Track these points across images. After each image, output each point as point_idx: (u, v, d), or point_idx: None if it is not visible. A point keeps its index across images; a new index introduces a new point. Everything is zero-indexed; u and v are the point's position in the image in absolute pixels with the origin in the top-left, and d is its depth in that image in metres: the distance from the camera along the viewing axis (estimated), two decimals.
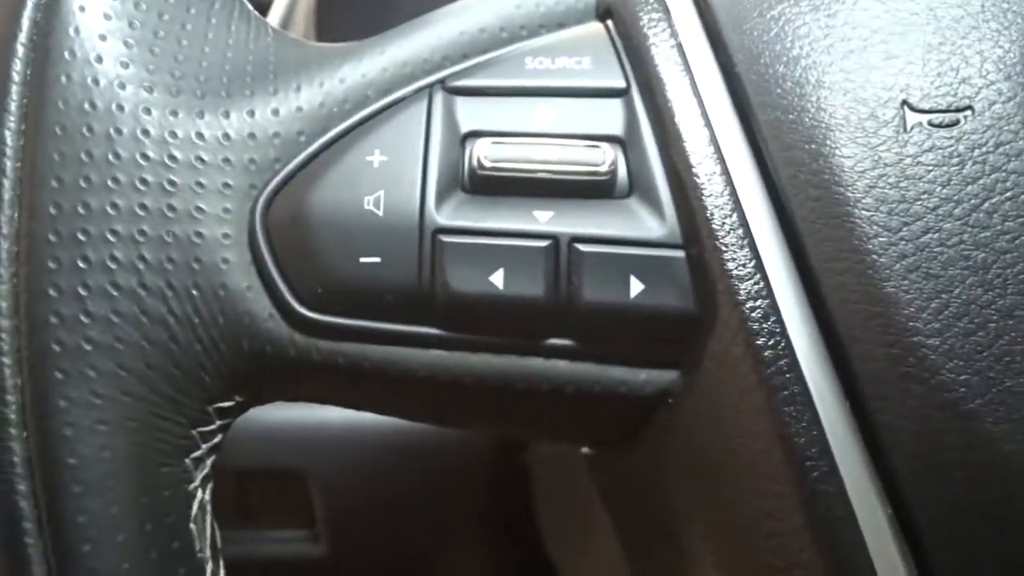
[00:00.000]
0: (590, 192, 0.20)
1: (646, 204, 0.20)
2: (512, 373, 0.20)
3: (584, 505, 0.37)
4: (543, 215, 0.20)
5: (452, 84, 0.22)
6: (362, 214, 0.20)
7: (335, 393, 0.22)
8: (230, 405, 0.21)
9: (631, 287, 0.19)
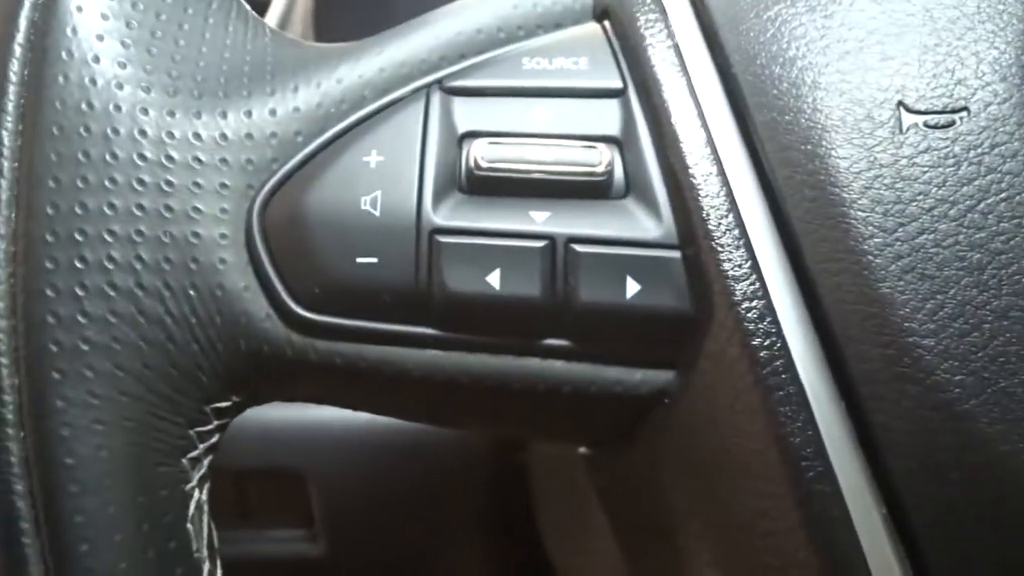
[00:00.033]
0: (587, 192, 0.20)
1: (643, 205, 0.20)
2: (508, 373, 0.20)
3: (582, 505, 0.37)
4: (540, 215, 0.20)
5: (449, 84, 0.22)
6: (359, 214, 0.20)
7: (332, 393, 0.22)
8: (227, 405, 0.21)
9: (627, 287, 0.20)
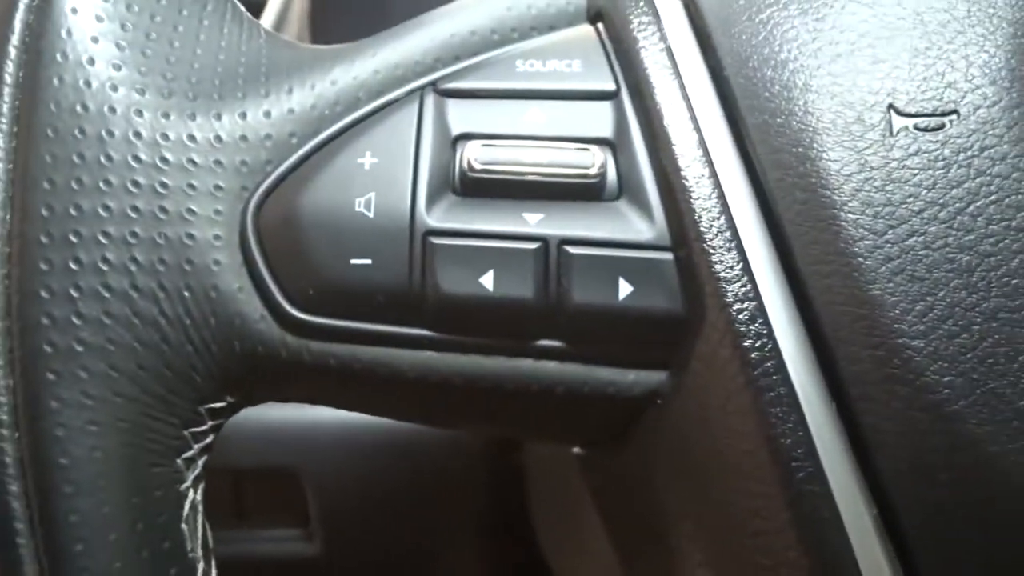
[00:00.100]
0: (580, 194, 0.20)
1: (635, 206, 0.20)
2: (502, 374, 0.21)
3: (577, 506, 0.37)
4: (533, 217, 0.20)
5: (443, 86, 0.22)
6: (353, 216, 0.20)
7: (326, 394, 0.22)
8: (222, 406, 0.21)
9: (620, 289, 0.20)
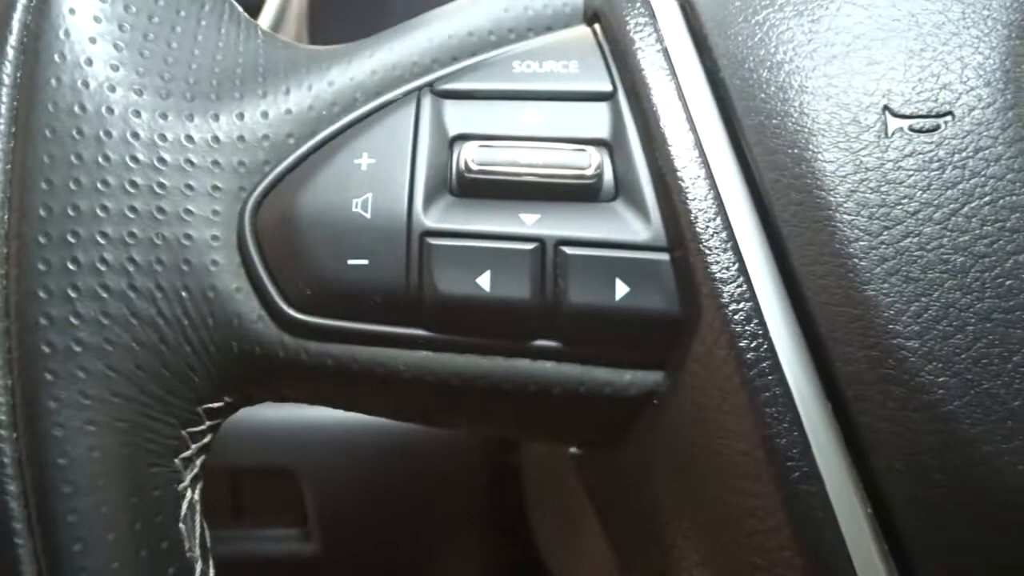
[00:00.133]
0: (576, 195, 0.20)
1: (631, 207, 0.20)
2: (499, 374, 0.21)
3: (574, 505, 0.37)
4: (529, 218, 0.20)
5: (440, 87, 0.22)
6: (350, 216, 0.20)
7: (324, 394, 0.22)
8: (220, 406, 0.21)
9: (616, 289, 0.20)
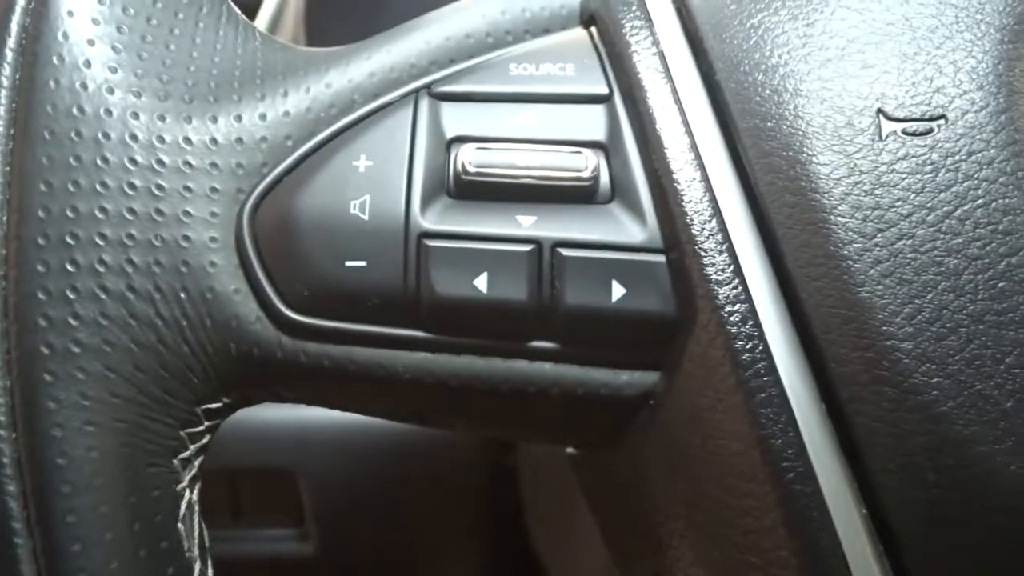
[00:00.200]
0: (573, 197, 0.20)
1: (628, 209, 0.20)
2: (496, 375, 0.21)
3: (571, 505, 0.37)
4: (526, 220, 0.20)
5: (438, 90, 0.22)
6: (348, 218, 0.20)
7: (322, 395, 0.22)
8: (218, 406, 0.21)
9: (613, 291, 0.20)
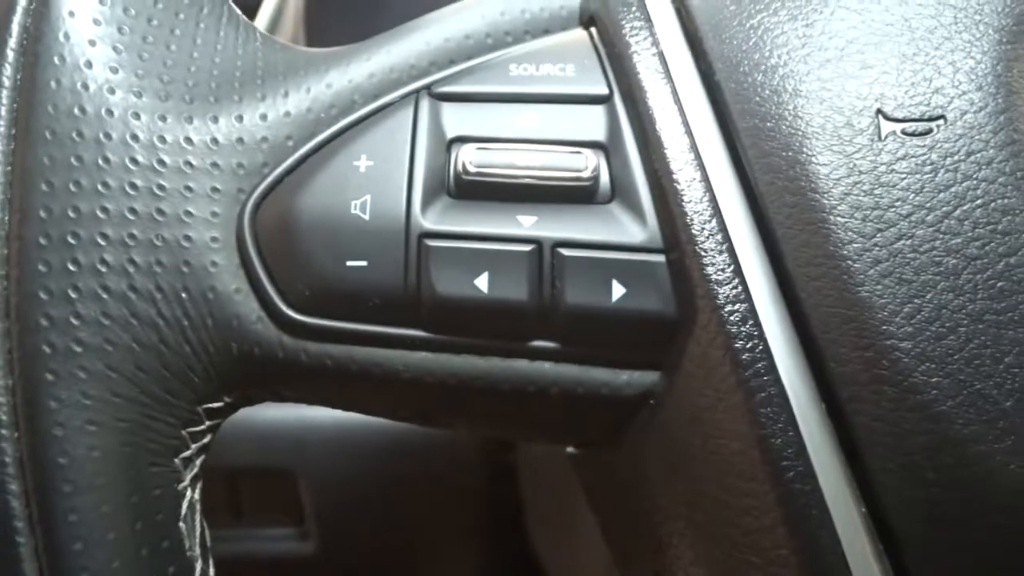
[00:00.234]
0: (573, 197, 0.21)
1: (628, 209, 0.20)
2: (496, 375, 0.21)
3: (571, 505, 0.37)
4: (527, 220, 0.20)
5: (438, 90, 0.22)
6: (349, 218, 0.20)
7: (323, 394, 0.22)
8: (219, 406, 0.21)
9: (613, 291, 0.20)
